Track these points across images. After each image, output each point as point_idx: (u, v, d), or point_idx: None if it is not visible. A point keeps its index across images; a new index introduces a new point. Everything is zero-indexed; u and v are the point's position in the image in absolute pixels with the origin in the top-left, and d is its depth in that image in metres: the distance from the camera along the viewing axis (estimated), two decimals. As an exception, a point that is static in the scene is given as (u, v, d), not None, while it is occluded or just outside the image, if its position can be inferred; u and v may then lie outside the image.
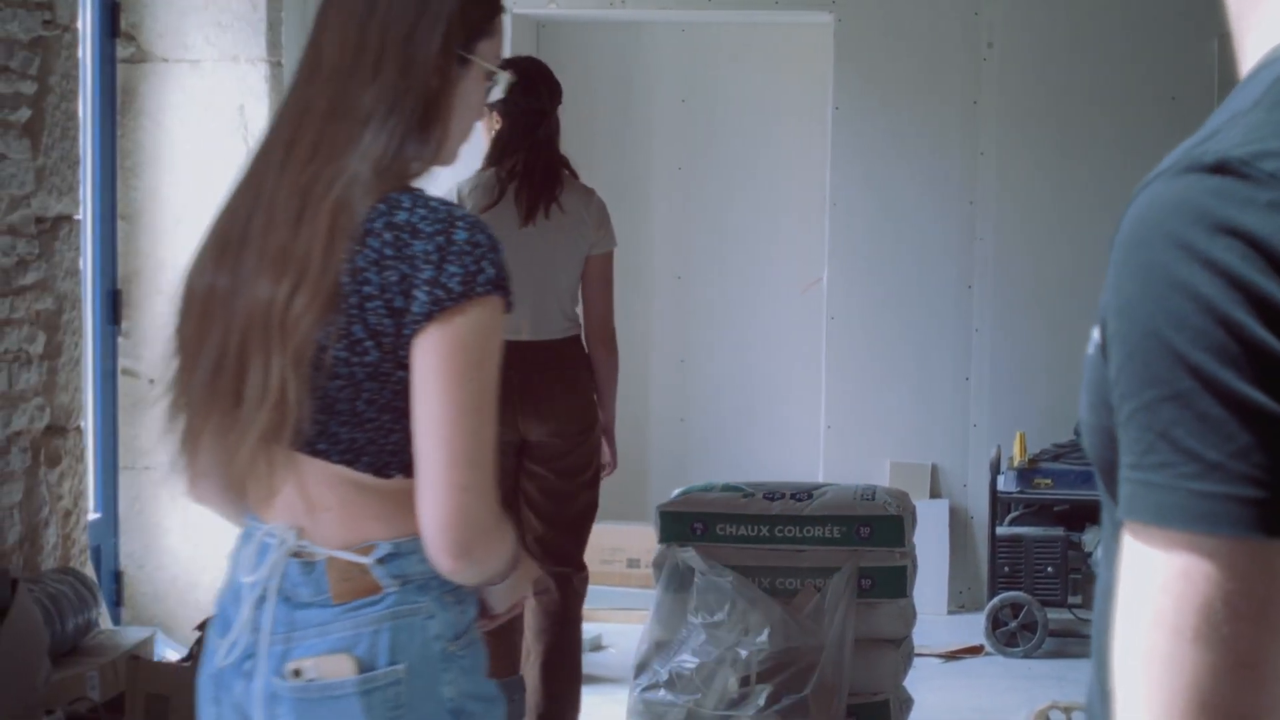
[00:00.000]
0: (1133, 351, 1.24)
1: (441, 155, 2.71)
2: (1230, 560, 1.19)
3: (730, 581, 5.39)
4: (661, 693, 5.38)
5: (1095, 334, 1.31)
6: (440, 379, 2.48)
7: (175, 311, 2.73)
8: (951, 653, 7.73)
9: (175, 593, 6.74)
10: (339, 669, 2.55)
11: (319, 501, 2.61)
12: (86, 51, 6.47)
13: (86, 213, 6.35)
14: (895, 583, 5.59)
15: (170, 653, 5.97)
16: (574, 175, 5.94)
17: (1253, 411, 1.18)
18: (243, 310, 2.60)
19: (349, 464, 2.59)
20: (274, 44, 6.86)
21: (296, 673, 2.56)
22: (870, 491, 5.73)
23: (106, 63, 6.72)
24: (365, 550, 2.58)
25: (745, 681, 5.30)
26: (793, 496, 5.67)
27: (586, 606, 6.52)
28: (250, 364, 2.57)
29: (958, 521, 8.54)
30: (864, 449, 8.48)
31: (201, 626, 4.80)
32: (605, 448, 6.00)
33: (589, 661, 7.12)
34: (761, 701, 5.28)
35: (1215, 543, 1.19)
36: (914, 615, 5.78)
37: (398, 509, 2.58)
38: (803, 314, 9.00)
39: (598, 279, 5.87)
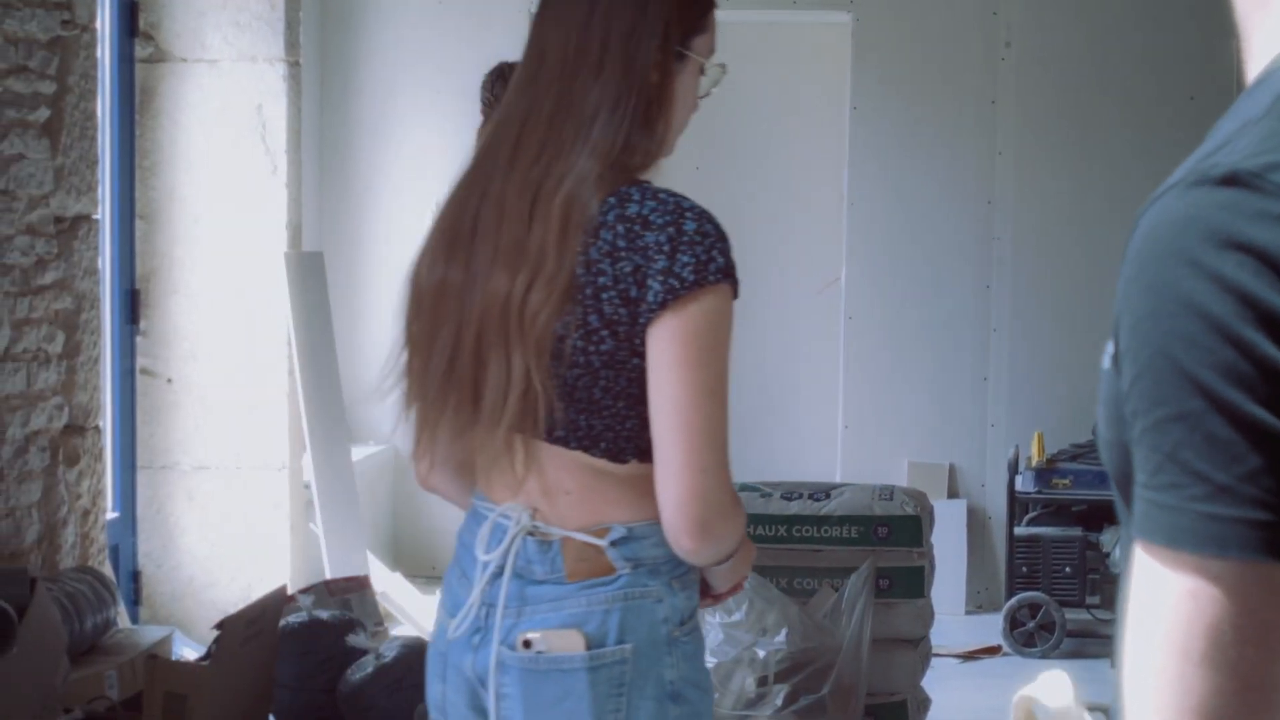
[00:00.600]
0: (1143, 369, 1.22)
1: (664, 149, 2.81)
2: (1238, 584, 1.18)
3: (748, 581, 5.39)
4: (679, 692, 5.38)
5: (1109, 347, 1.30)
6: (676, 366, 2.58)
7: (404, 305, 2.84)
8: (969, 653, 7.73)
9: (193, 592, 6.76)
10: (569, 644, 2.65)
11: (558, 486, 2.71)
12: (105, 51, 6.48)
13: (105, 212, 6.37)
14: (913, 583, 5.58)
15: (188, 652, 5.98)
16: None
17: (1262, 433, 1.17)
18: (478, 304, 2.70)
19: (586, 450, 2.69)
20: (292, 44, 6.87)
21: (526, 644, 2.67)
22: (888, 491, 5.72)
23: (125, 62, 6.73)
24: (600, 533, 2.68)
25: (763, 681, 5.30)
26: (810, 496, 5.67)
27: None
28: (489, 357, 2.69)
29: (976, 521, 8.53)
30: (882, 449, 8.48)
31: (220, 626, 4.80)
32: None
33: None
34: (779, 701, 5.27)
35: (1223, 566, 1.18)
36: (932, 615, 5.77)
37: (633, 494, 2.69)
38: (820, 313, 8.99)
39: None
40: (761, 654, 5.31)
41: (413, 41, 8.82)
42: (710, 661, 5.35)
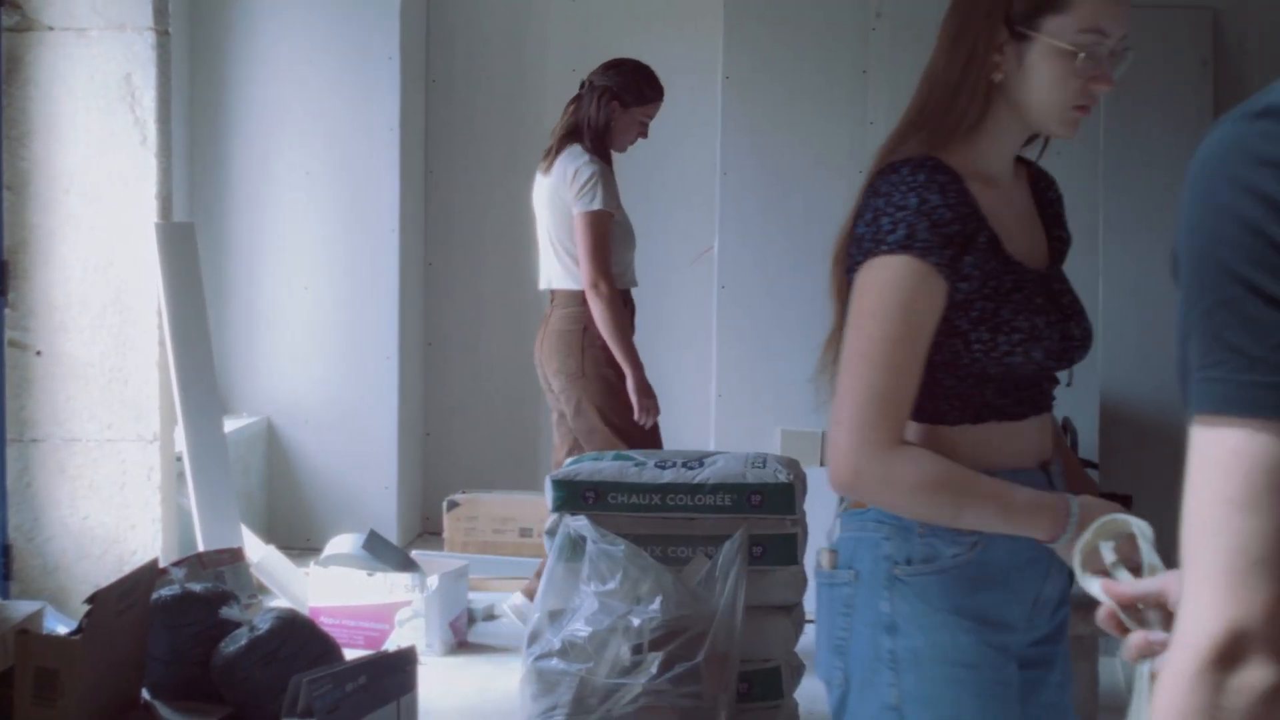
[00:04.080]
0: (1195, 267, 1.49)
1: (1033, 123, 2.95)
2: (1270, 439, 1.43)
3: (622, 550, 5.41)
4: (554, 661, 5.39)
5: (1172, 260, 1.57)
6: (848, 327, 2.91)
7: None
8: (842, 619, 7.78)
9: (65, 566, 6.70)
10: (826, 562, 3.00)
11: None
12: (-30, 20, 6.40)
13: (-29, 183, 6.29)
14: (786, 550, 5.62)
15: (60, 627, 5.94)
16: (580, 145, 6.98)
17: None
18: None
19: None
20: (160, 12, 6.80)
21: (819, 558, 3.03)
22: (761, 459, 5.75)
23: (-9, 31, 6.65)
24: None
25: (638, 649, 5.32)
26: (684, 465, 5.69)
27: (477, 576, 7.48)
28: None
29: (848, 489, 8.58)
30: (755, 417, 8.51)
31: (91, 600, 4.77)
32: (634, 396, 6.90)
33: (481, 631, 7.14)
34: (654, 669, 5.30)
35: (1259, 424, 1.43)
36: (805, 582, 5.81)
37: None
38: (693, 283, 9.02)
39: (578, 237, 6.83)
40: (636, 622, 5.33)
41: (284, 10, 8.76)
42: (585, 630, 5.37)
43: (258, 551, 7.25)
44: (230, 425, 8.11)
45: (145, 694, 5.17)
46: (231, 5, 8.78)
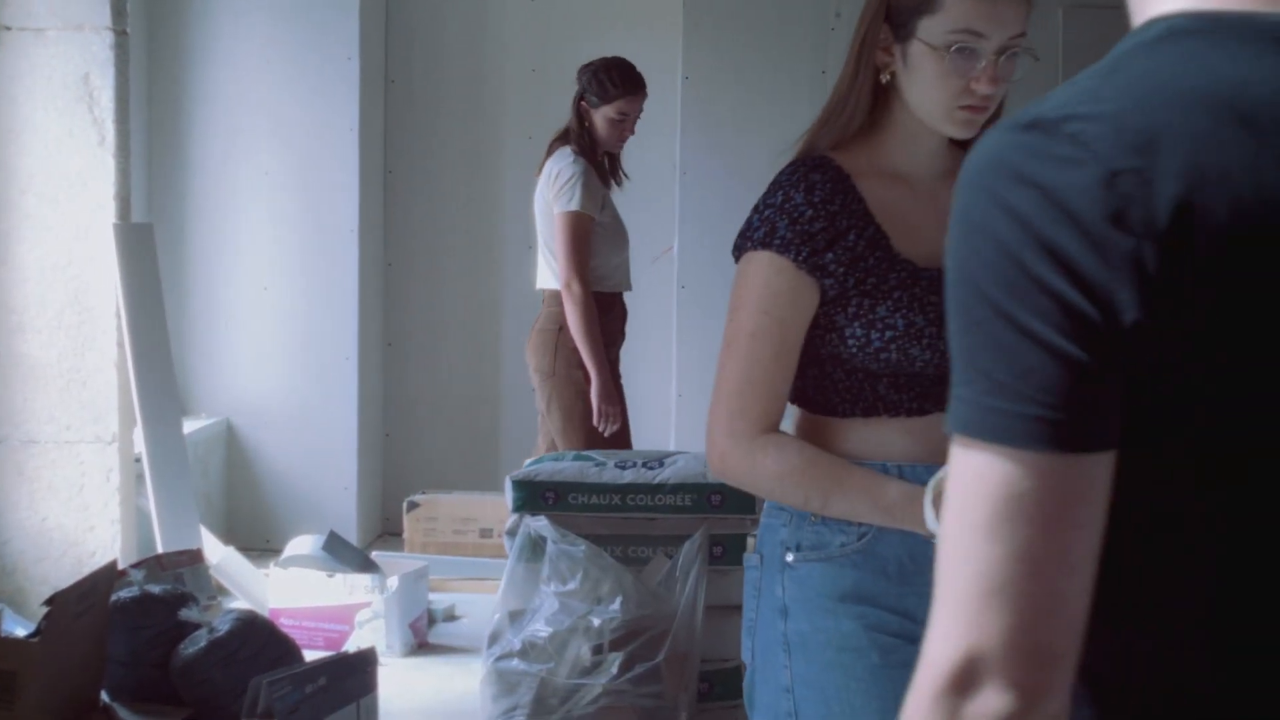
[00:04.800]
0: (952, 284, 1.45)
1: (924, 121, 2.94)
2: (1010, 466, 1.40)
3: (582, 550, 5.41)
4: (515, 662, 5.39)
5: None
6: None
7: None
8: (803, 618, 7.78)
9: (23, 568, 6.68)
10: (749, 545, 3.08)
11: None
12: (-73, 20, 6.38)
13: (-72, 183, 6.27)
14: (746, 550, 5.63)
15: (18, 629, 5.92)
16: (568, 147, 7.03)
17: (1035, 340, 1.39)
18: None
19: None
20: (119, 12, 6.78)
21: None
22: (721, 459, 5.75)
23: (-53, 31, 6.63)
24: None
25: (598, 650, 5.32)
26: (644, 465, 5.69)
27: (437, 577, 7.42)
28: None
29: (808, 488, 8.59)
30: (715, 417, 8.52)
31: (50, 602, 4.75)
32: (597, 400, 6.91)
33: (442, 632, 7.13)
34: (614, 669, 5.30)
35: (1003, 450, 1.41)
36: (765, 582, 5.82)
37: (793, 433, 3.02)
38: (654, 283, 9.02)
39: (555, 237, 6.87)
40: (597, 622, 5.33)
41: (243, 10, 8.74)
42: (546, 630, 5.37)
43: (217, 553, 7.23)
44: (189, 426, 8.09)
45: (104, 696, 5.15)
46: (190, 5, 8.76)
